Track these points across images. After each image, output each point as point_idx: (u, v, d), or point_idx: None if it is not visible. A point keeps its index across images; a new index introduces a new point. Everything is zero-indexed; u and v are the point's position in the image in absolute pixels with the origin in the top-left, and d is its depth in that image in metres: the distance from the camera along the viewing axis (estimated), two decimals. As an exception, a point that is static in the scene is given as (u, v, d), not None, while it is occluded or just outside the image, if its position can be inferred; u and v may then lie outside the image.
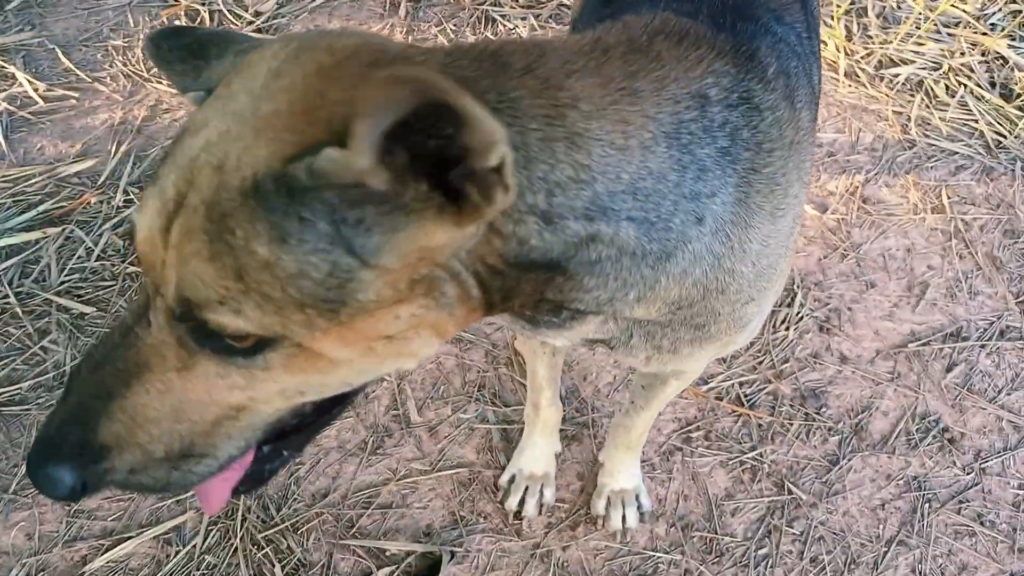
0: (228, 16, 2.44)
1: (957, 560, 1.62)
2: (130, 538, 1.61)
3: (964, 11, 2.44)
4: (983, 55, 2.37)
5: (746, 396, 1.79)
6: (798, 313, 1.89)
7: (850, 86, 2.30)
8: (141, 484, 0.72)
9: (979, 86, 2.30)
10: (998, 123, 2.22)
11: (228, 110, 0.64)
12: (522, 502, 1.64)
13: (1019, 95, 2.26)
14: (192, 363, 0.68)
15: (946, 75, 2.32)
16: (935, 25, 2.40)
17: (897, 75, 2.31)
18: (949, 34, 2.41)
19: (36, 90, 2.27)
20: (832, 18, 2.38)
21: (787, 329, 1.87)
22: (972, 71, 2.33)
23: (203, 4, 2.45)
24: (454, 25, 2.45)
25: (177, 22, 2.41)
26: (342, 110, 0.58)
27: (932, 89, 2.28)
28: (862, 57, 2.35)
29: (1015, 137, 2.19)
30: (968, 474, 1.71)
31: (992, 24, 2.44)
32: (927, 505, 1.67)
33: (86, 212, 2.05)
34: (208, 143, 0.63)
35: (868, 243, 2.00)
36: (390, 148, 0.56)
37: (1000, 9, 2.47)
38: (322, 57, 0.65)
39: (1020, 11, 2.45)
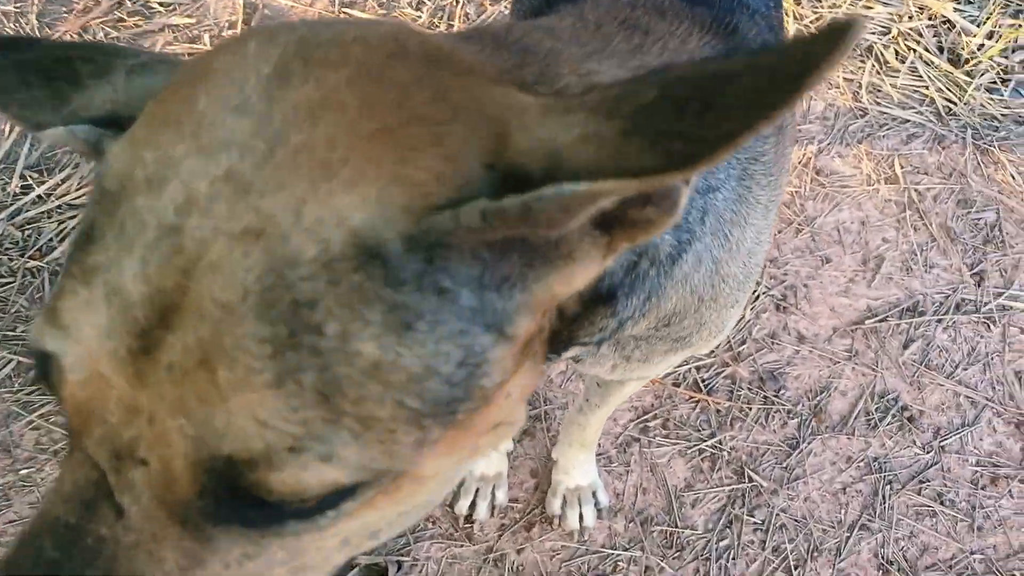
0: (133, -22, 2.21)
1: (918, 542, 1.59)
2: None
3: (911, -27, 2.38)
4: (930, 19, 2.32)
5: (703, 381, 1.71)
6: (755, 292, 1.82)
7: (799, 52, 2.22)
8: None
9: (928, 51, 2.24)
10: (948, 89, 2.17)
11: (211, 142, 0.41)
12: (473, 504, 1.54)
13: (967, 60, 2.22)
14: (206, 553, 0.43)
15: (895, 40, 2.26)
16: (883, -12, 2.34)
17: (846, 40, 2.24)
18: (896, -3, 2.34)
19: (-86, 61, 2.03)
20: (780, -20, 2.29)
21: (743, 309, 1.80)
22: (921, 35, 2.27)
23: (105, -36, 2.22)
24: (385, -12, 2.27)
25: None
26: (455, 128, 0.42)
27: (882, 54, 2.22)
28: (811, 21, 2.27)
29: (964, 104, 2.15)
30: (927, 453, 1.68)
31: (938, -14, 2.39)
32: (888, 487, 1.63)
33: (-22, 200, 1.84)
34: (194, 199, 0.40)
35: (822, 216, 1.94)
36: None
37: (946, -29, 2.42)
38: (357, 53, 0.44)
39: (966, -27, 2.40)
